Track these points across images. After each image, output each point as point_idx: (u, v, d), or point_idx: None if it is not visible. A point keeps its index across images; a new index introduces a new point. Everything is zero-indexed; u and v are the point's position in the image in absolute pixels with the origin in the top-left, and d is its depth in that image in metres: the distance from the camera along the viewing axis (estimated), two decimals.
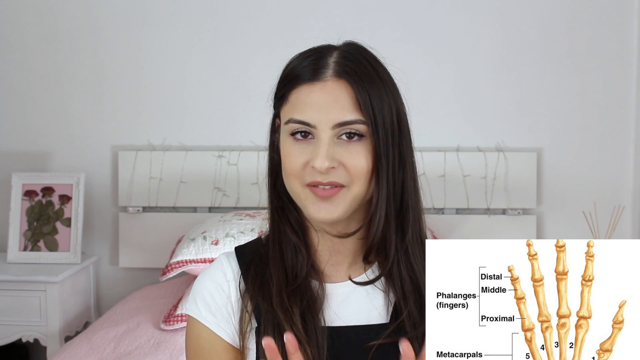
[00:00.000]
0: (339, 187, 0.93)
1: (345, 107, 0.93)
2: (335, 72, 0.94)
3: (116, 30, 2.80)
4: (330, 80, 0.94)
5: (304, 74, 0.95)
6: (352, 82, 0.93)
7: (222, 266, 1.04)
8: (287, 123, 0.95)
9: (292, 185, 0.96)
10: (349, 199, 0.94)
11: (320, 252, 1.02)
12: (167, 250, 2.64)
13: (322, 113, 0.93)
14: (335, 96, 0.93)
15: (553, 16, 2.72)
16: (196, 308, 1.03)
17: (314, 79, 0.94)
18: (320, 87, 0.94)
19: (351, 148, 0.93)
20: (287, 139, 0.96)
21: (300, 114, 0.94)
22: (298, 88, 0.95)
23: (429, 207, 2.67)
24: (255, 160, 2.69)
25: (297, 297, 0.97)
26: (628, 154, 2.74)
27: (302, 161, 0.94)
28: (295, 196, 0.97)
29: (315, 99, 0.93)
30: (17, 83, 2.85)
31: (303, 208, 0.97)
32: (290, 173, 0.95)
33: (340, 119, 0.92)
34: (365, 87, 0.94)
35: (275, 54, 2.83)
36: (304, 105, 0.94)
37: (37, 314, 2.51)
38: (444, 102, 2.74)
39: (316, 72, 0.95)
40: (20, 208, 2.70)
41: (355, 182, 0.94)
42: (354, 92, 0.93)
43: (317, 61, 0.96)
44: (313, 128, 0.93)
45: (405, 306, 0.97)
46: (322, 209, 0.94)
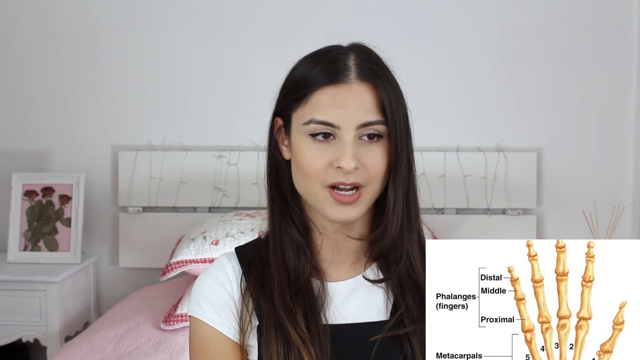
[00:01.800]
0: (360, 189, 0.95)
1: (369, 108, 0.95)
2: (358, 74, 0.96)
3: (116, 30, 2.80)
4: (354, 83, 0.96)
5: (326, 76, 0.97)
6: (375, 84, 0.96)
7: (223, 266, 1.04)
8: (307, 124, 0.96)
9: (311, 186, 0.96)
10: (367, 199, 0.96)
11: (323, 253, 1.03)
12: (167, 250, 2.64)
13: (348, 114, 0.94)
14: (360, 98, 0.95)
15: (553, 16, 2.72)
16: (199, 308, 1.02)
17: (338, 81, 0.96)
18: (345, 89, 0.95)
19: (371, 149, 0.95)
20: (305, 140, 0.96)
21: (324, 115, 0.95)
22: (321, 90, 0.96)
23: (429, 207, 2.67)
24: (255, 160, 2.69)
25: (299, 298, 0.98)
26: (628, 154, 2.73)
27: (325, 162, 0.95)
28: (311, 197, 0.97)
29: (341, 100, 0.95)
30: (17, 83, 2.85)
31: (319, 209, 0.97)
32: (310, 174, 0.96)
33: (364, 119, 0.95)
34: (386, 89, 0.97)
35: (276, 54, 2.84)
36: (328, 106, 0.95)
37: (37, 314, 2.50)
38: (444, 102, 2.74)
39: (339, 74, 0.96)
40: (20, 208, 2.70)
41: (372, 182, 0.96)
42: (377, 94, 0.96)
43: (336, 63, 0.97)
44: (337, 129, 0.95)
45: (403, 300, 0.99)
46: (342, 211, 0.95)
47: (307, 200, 0.99)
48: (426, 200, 2.63)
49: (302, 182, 0.97)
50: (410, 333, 0.96)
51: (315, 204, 0.98)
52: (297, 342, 0.94)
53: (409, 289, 0.99)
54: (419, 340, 0.96)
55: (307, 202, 1.00)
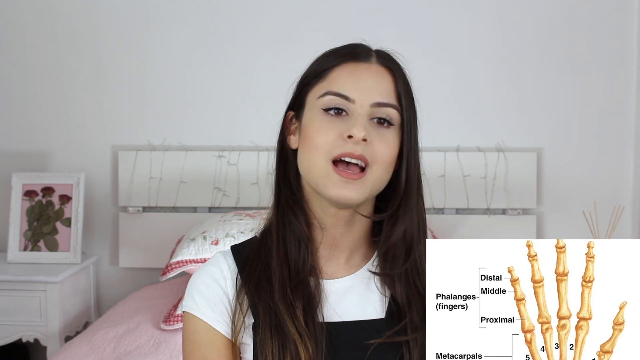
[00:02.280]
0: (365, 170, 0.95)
1: (386, 90, 0.97)
2: (379, 59, 1.00)
3: (116, 30, 2.80)
4: (375, 64, 0.99)
5: (346, 56, 0.99)
6: (395, 71, 0.99)
7: (219, 263, 1.04)
8: (323, 96, 0.97)
9: (316, 160, 0.96)
10: (370, 181, 0.96)
11: (321, 249, 1.03)
12: (167, 250, 2.64)
13: (364, 90, 0.96)
14: (379, 78, 0.98)
15: (553, 16, 2.72)
16: (194, 303, 1.02)
17: (361, 59, 0.99)
18: (366, 67, 0.98)
19: (382, 132, 0.97)
20: (317, 114, 0.97)
21: (342, 88, 0.97)
22: (342, 65, 0.99)
23: (429, 207, 2.67)
24: (255, 160, 2.69)
25: (299, 292, 0.98)
26: (628, 154, 2.73)
27: (335, 135, 0.95)
28: (314, 174, 0.96)
29: (360, 76, 0.97)
30: (17, 83, 2.85)
31: (320, 186, 0.96)
32: (318, 146, 0.96)
33: (379, 99, 0.96)
34: (403, 81, 1.00)
35: (276, 55, 2.84)
36: (346, 80, 0.97)
37: (37, 314, 2.50)
38: (444, 102, 2.74)
39: (360, 55, 0.99)
40: (20, 208, 2.70)
41: (378, 165, 0.96)
42: (395, 80, 0.98)
43: (357, 48, 1.01)
44: (351, 103, 0.96)
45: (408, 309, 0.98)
46: (343, 187, 0.95)
47: (310, 179, 0.98)
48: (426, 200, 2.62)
49: (307, 158, 0.97)
50: (411, 341, 0.96)
51: (317, 181, 0.96)
52: (295, 336, 0.94)
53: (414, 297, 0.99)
54: (419, 348, 0.95)
55: (308, 182, 0.99)
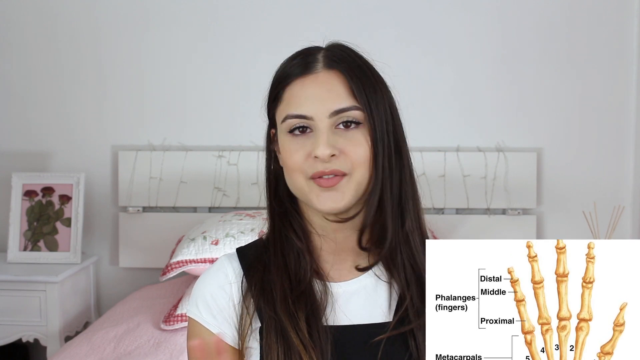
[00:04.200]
0: (340, 175, 0.94)
1: (339, 95, 0.95)
2: (325, 63, 0.97)
3: (117, 30, 2.80)
4: (321, 72, 0.96)
5: (294, 70, 0.97)
6: (343, 70, 0.96)
7: (224, 267, 1.04)
8: (284, 121, 0.96)
9: (296, 180, 0.96)
10: (353, 186, 0.95)
11: (324, 254, 1.03)
12: (167, 250, 2.64)
13: (318, 103, 0.94)
14: (328, 86, 0.95)
15: (553, 16, 2.72)
16: (197, 310, 1.03)
17: (305, 72, 0.96)
18: (312, 79, 0.96)
19: (350, 136, 0.95)
20: (285, 138, 0.97)
21: (296, 108, 0.95)
22: (290, 85, 0.97)
23: (429, 207, 2.67)
24: (255, 160, 2.69)
25: (302, 302, 0.97)
26: (628, 154, 2.73)
27: (304, 154, 0.95)
28: (299, 192, 0.97)
29: (309, 91, 0.95)
30: (17, 83, 2.85)
31: (308, 202, 0.97)
32: (293, 169, 0.96)
33: (336, 106, 0.94)
34: (357, 74, 0.96)
35: (276, 54, 2.81)
36: (298, 99, 0.95)
37: (37, 314, 2.50)
38: (444, 102, 2.74)
39: (306, 66, 0.97)
40: (20, 208, 2.70)
41: (356, 169, 0.95)
42: (346, 80, 0.95)
43: (306, 57, 0.98)
44: (310, 120, 0.94)
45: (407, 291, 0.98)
46: (328, 198, 0.94)
47: (299, 196, 0.99)
48: (426, 200, 2.63)
49: (290, 179, 0.97)
50: (415, 329, 0.95)
51: (305, 198, 0.97)
52: (299, 347, 0.93)
53: (413, 281, 0.99)
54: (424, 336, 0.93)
55: (301, 200, 1.00)
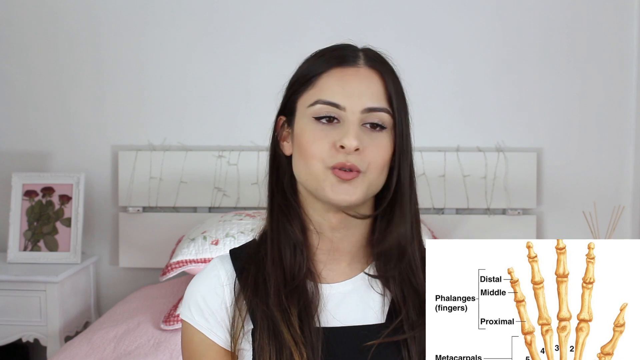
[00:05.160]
0: (357, 172, 0.94)
1: (376, 94, 0.96)
2: (367, 60, 0.98)
3: (116, 30, 2.80)
4: (363, 68, 0.97)
5: (334, 59, 0.97)
6: (383, 72, 0.97)
7: (216, 270, 1.04)
8: (313, 104, 0.96)
9: (313, 166, 0.95)
10: (366, 184, 0.95)
11: (319, 254, 1.02)
12: (167, 250, 2.64)
13: (354, 97, 0.95)
14: (368, 83, 0.96)
15: (553, 16, 2.72)
16: (189, 312, 1.03)
17: (347, 64, 0.97)
18: (354, 72, 0.96)
19: (375, 137, 0.95)
20: (309, 123, 0.96)
21: (331, 96, 0.95)
22: (329, 72, 0.97)
23: (429, 207, 2.67)
24: (255, 160, 2.69)
25: (294, 298, 0.97)
26: (628, 154, 2.73)
27: (328, 143, 0.94)
28: (312, 178, 0.96)
29: (349, 82, 0.96)
30: (18, 83, 2.85)
31: (319, 190, 0.95)
32: (313, 155, 0.95)
33: (370, 104, 0.95)
34: (393, 80, 0.98)
35: (276, 54, 2.84)
36: (335, 87, 0.96)
37: (37, 314, 2.50)
38: (444, 102, 2.74)
39: (347, 58, 0.97)
40: (20, 208, 2.70)
41: (372, 170, 0.95)
42: (384, 83, 0.97)
43: (344, 51, 0.99)
44: (342, 110, 0.95)
45: (404, 305, 0.97)
46: (341, 190, 0.94)
47: (308, 185, 0.97)
48: (426, 200, 2.63)
49: (305, 165, 0.96)
50: (409, 339, 0.95)
51: (316, 186, 0.96)
52: (290, 343, 0.93)
53: (409, 294, 0.98)
54: (417, 346, 0.94)
55: (307, 188, 0.98)
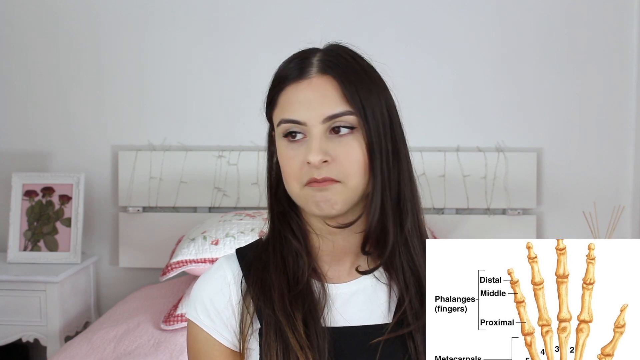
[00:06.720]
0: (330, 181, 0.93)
1: (332, 100, 0.94)
2: (319, 68, 0.96)
3: (117, 30, 2.80)
4: (315, 77, 0.96)
5: (290, 75, 0.97)
6: (336, 75, 0.95)
7: (223, 269, 1.04)
8: (279, 125, 0.97)
9: (293, 187, 0.97)
10: (348, 193, 0.95)
11: (322, 255, 1.02)
12: (167, 250, 2.64)
13: (311, 109, 0.94)
14: (321, 91, 0.95)
15: (553, 16, 2.72)
16: (195, 312, 1.03)
17: (299, 77, 0.96)
18: (306, 84, 0.96)
19: (344, 142, 0.94)
20: (281, 142, 0.97)
21: (290, 113, 0.95)
22: (285, 89, 0.97)
23: (429, 207, 2.66)
24: (255, 160, 2.69)
25: (299, 302, 0.97)
26: (628, 154, 2.73)
27: (299, 161, 0.95)
28: (296, 198, 0.98)
29: (302, 96, 0.95)
30: (18, 83, 2.85)
31: (305, 207, 0.97)
32: (290, 175, 0.96)
33: (329, 112, 0.94)
34: (351, 79, 0.95)
35: (276, 55, 2.81)
36: (292, 104, 0.96)
37: (37, 314, 2.50)
38: (444, 102, 2.74)
39: (301, 71, 0.97)
40: (20, 208, 2.70)
41: (351, 176, 0.94)
42: (339, 85, 0.95)
43: (301, 61, 0.98)
44: (304, 125, 0.94)
45: (406, 294, 0.98)
46: (322, 203, 0.94)
47: (296, 202, 0.99)
48: (426, 200, 2.63)
49: (287, 185, 0.98)
50: (414, 331, 0.95)
51: (301, 204, 0.98)
52: (296, 347, 0.93)
53: (411, 283, 0.98)
54: (423, 338, 0.94)
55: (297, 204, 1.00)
